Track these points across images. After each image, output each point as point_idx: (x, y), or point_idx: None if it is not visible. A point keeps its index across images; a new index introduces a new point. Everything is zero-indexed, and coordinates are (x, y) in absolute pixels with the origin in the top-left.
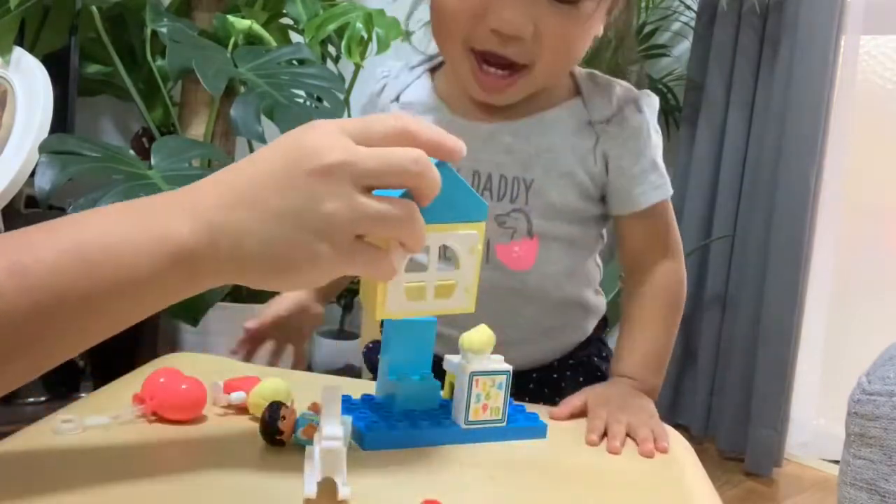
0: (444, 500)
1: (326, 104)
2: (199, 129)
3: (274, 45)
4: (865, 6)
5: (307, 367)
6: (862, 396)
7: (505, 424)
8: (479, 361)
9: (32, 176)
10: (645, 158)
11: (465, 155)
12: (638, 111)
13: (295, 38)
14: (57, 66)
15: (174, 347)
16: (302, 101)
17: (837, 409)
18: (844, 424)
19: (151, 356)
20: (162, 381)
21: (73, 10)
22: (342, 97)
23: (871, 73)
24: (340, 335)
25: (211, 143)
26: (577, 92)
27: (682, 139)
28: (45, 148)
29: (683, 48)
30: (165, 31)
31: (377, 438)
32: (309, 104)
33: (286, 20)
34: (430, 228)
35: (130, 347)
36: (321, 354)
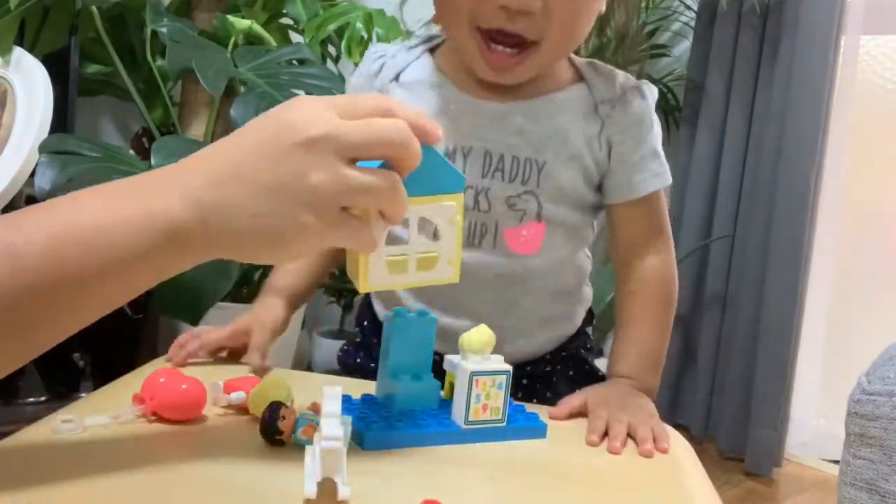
0: (444, 500)
1: None
2: (199, 129)
3: (274, 45)
4: (865, 6)
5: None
6: (862, 396)
7: (505, 424)
8: (478, 361)
9: (32, 176)
10: (646, 146)
11: (441, 139)
12: (641, 97)
13: (295, 38)
14: (57, 66)
15: None
16: None
17: (837, 409)
18: (844, 424)
19: (151, 356)
20: (162, 381)
21: (73, 10)
22: None
23: (871, 73)
24: (340, 335)
25: (211, 143)
26: (580, 78)
27: (682, 139)
28: (45, 148)
29: (683, 48)
30: (165, 31)
31: (377, 438)
32: None
33: (286, 20)
34: (409, 201)
35: (130, 347)
36: (321, 354)
